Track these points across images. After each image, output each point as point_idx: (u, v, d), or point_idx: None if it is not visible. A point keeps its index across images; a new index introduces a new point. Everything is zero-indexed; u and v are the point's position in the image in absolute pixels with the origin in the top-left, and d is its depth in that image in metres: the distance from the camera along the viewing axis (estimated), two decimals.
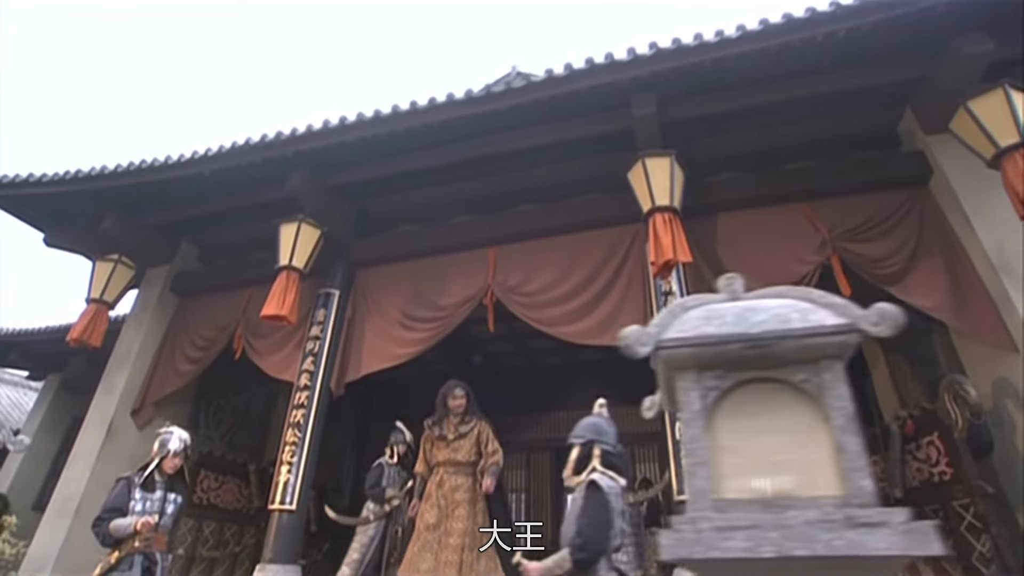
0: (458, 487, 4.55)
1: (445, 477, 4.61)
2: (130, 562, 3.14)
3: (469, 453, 4.68)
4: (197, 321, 6.64)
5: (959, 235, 4.39)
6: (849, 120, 5.17)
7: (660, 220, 4.40)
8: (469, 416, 4.82)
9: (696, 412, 1.48)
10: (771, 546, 1.19)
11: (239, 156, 5.69)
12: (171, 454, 3.46)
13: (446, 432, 4.74)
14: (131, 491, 3.29)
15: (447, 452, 4.69)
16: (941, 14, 4.08)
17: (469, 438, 4.71)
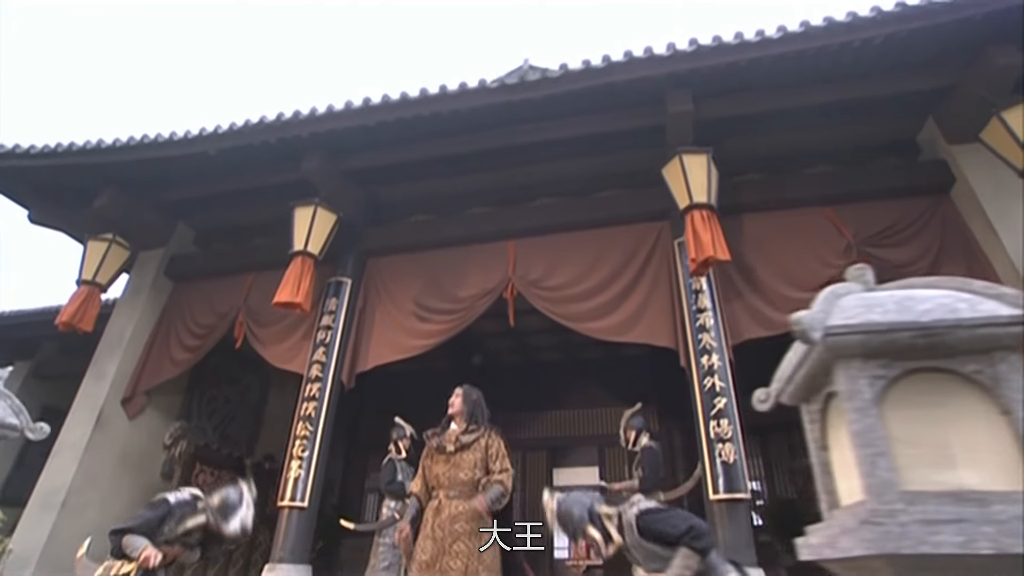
0: (458, 516, 3.28)
1: (444, 502, 3.36)
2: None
3: (473, 470, 3.39)
4: (194, 307, 6.33)
5: (981, 242, 4.50)
6: (870, 127, 5.25)
7: (699, 217, 4.37)
8: (473, 424, 3.55)
9: (867, 401, 1.42)
10: (987, 541, 1.13)
11: (251, 135, 5.44)
12: (222, 527, 2.96)
13: (445, 443, 3.50)
14: (166, 521, 2.98)
15: (446, 468, 3.44)
16: (977, 24, 4.17)
17: (473, 451, 3.43)
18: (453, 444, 3.45)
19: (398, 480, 4.85)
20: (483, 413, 3.59)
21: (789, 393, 1.88)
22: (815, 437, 1.77)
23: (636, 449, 4.89)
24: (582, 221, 5.63)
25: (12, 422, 2.62)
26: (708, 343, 4.43)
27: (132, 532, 2.89)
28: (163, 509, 2.99)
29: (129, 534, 2.88)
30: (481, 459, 3.40)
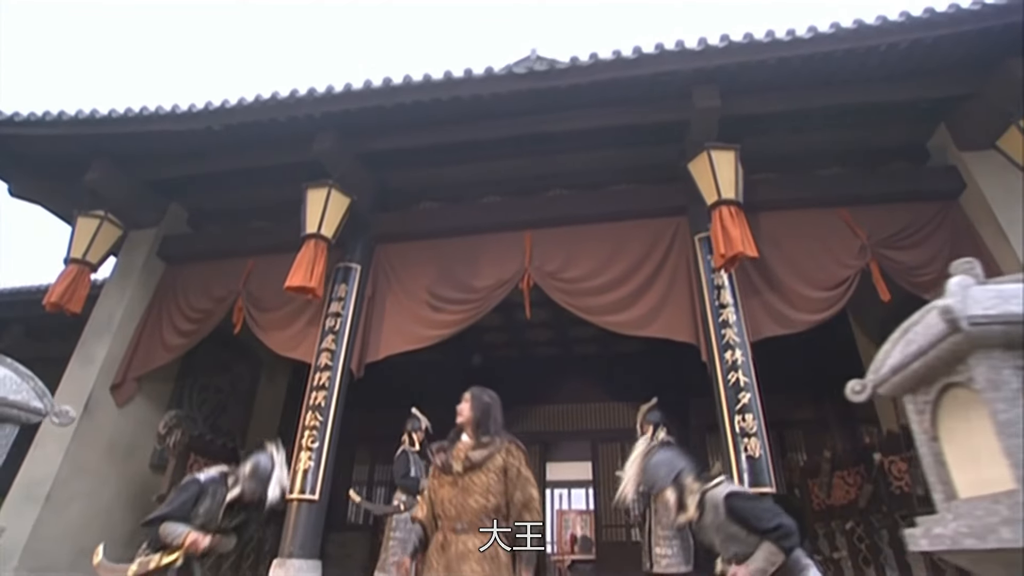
0: (466, 555, 2.36)
1: (450, 537, 2.45)
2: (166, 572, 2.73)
3: (486, 496, 2.48)
4: (188, 291, 6.05)
5: (991, 248, 4.65)
6: (882, 131, 5.37)
7: (727, 213, 4.39)
8: (485, 435, 2.59)
9: (1015, 391, 1.42)
10: None
11: (260, 111, 5.21)
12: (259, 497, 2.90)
13: (452, 462, 2.57)
14: (199, 502, 2.84)
15: (453, 493, 2.51)
16: (997, 34, 4.29)
17: (485, 472, 2.52)
18: (461, 463, 2.50)
19: (412, 475, 4.73)
20: (496, 421, 2.66)
21: (893, 384, 1.87)
22: (925, 428, 1.77)
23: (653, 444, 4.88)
24: (598, 214, 5.60)
25: (36, 405, 2.41)
26: (731, 338, 4.46)
27: (169, 519, 2.72)
28: (194, 489, 2.85)
29: (167, 521, 2.71)
30: (496, 482, 2.47)
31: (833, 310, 4.72)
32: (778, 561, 2.28)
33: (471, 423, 2.63)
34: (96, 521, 5.36)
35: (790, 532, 2.29)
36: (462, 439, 2.63)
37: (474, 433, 2.59)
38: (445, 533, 2.44)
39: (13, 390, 2.31)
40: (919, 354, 1.69)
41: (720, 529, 2.41)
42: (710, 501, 2.46)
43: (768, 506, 2.38)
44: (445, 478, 2.56)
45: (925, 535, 1.62)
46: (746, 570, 2.30)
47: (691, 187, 5.14)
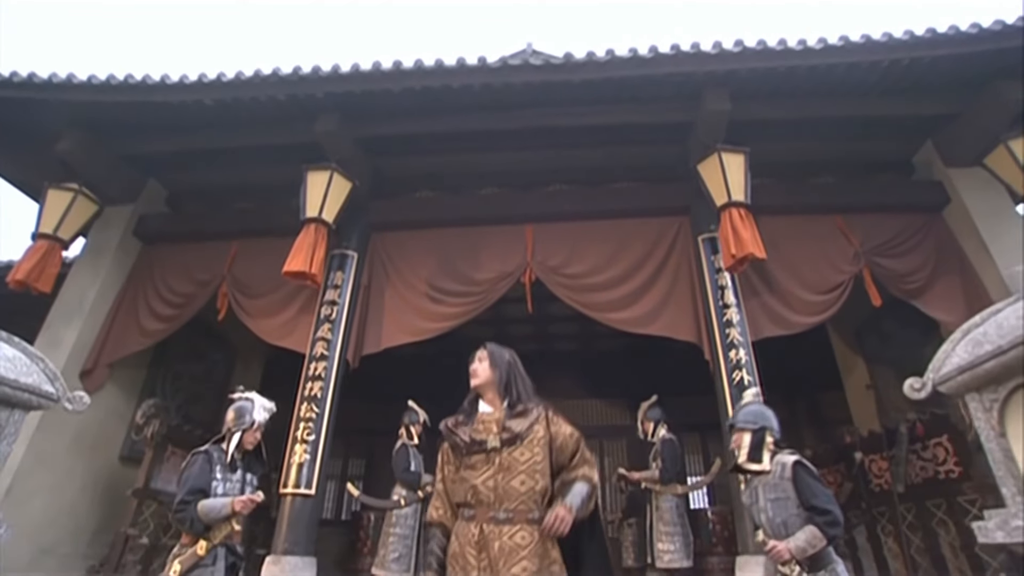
0: (515, 551, 1.85)
1: (490, 530, 1.90)
2: (214, 555, 2.59)
3: (533, 476, 1.96)
4: (168, 273, 5.71)
5: (973, 261, 4.91)
6: (872, 144, 5.59)
7: (737, 215, 4.47)
8: (518, 401, 2.07)
9: None
10: None
11: (259, 88, 4.96)
12: (255, 426, 2.90)
13: (483, 436, 2.01)
14: (212, 469, 2.71)
15: (489, 474, 1.96)
16: (990, 57, 4.53)
17: (530, 444, 1.99)
18: (497, 436, 1.98)
19: (412, 469, 4.62)
20: (526, 382, 2.14)
21: (958, 382, 1.95)
22: (992, 425, 1.84)
23: (654, 440, 4.94)
24: (600, 211, 5.61)
25: (48, 390, 2.20)
26: (735, 338, 4.55)
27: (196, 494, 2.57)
28: (202, 459, 2.71)
29: (201, 500, 2.57)
30: (542, 458, 1.97)
31: (828, 313, 4.89)
32: (819, 546, 2.34)
33: (494, 386, 2.09)
34: (60, 517, 5.01)
35: (837, 522, 2.36)
36: (481, 409, 2.09)
37: (500, 398, 2.08)
38: (480, 524, 1.88)
39: (24, 372, 2.11)
40: (996, 354, 1.76)
41: (776, 488, 2.49)
42: (778, 462, 2.56)
43: (828, 491, 2.45)
44: (475, 458, 1.99)
45: (1001, 527, 1.69)
46: (786, 545, 2.37)
47: (694, 187, 5.23)
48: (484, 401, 2.11)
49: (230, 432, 2.85)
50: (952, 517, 4.56)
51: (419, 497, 4.49)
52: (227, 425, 2.89)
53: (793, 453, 2.59)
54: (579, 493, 1.93)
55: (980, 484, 4.39)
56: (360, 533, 6.38)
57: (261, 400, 3.02)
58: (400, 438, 4.88)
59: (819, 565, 2.39)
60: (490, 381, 2.10)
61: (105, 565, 4.92)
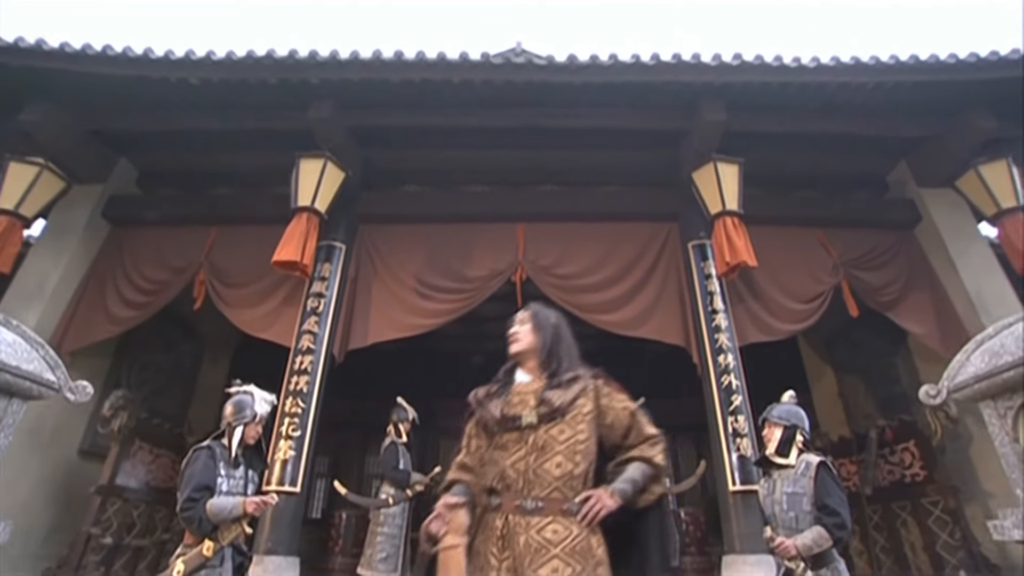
0: (544, 549, 1.51)
1: (516, 521, 1.57)
2: (221, 556, 2.47)
3: (573, 457, 1.63)
4: (140, 259, 5.42)
5: (941, 278, 5.20)
6: (851, 161, 5.83)
7: (730, 224, 4.59)
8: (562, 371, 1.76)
9: None
10: None
11: (252, 70, 4.78)
12: (257, 420, 2.77)
13: (517, 410, 1.69)
14: (216, 465, 2.58)
15: (519, 454, 1.64)
16: (965, 86, 4.80)
17: (572, 421, 1.67)
18: (533, 409, 1.66)
19: (401, 467, 4.53)
20: (574, 350, 1.85)
21: (974, 390, 2.05)
22: (1007, 431, 1.95)
23: None
24: (592, 212, 5.65)
25: (49, 378, 2.04)
26: (724, 343, 4.67)
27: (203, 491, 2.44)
28: (205, 455, 2.58)
29: (208, 499, 2.44)
30: (587, 436, 1.65)
31: (809, 322, 5.09)
32: (824, 546, 2.45)
33: (536, 352, 1.79)
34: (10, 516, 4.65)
35: (845, 525, 2.48)
36: (518, 379, 1.79)
37: (543, 367, 1.78)
38: (506, 515, 1.58)
39: (25, 359, 1.96)
40: (1015, 365, 1.86)
41: (795, 483, 2.60)
42: (804, 459, 2.67)
43: (843, 496, 2.56)
44: (507, 436, 1.68)
45: (1017, 526, 1.79)
46: (793, 542, 2.46)
47: (684, 194, 5.35)
48: (523, 370, 1.81)
49: (230, 427, 2.72)
50: (915, 517, 4.83)
51: (407, 496, 4.41)
52: (226, 419, 2.76)
53: (820, 455, 2.70)
54: (630, 476, 1.62)
55: (942, 487, 4.65)
56: (332, 532, 6.22)
57: (261, 393, 2.91)
58: (388, 436, 4.79)
59: (822, 563, 2.49)
60: (532, 347, 1.79)
61: (64, 566, 4.62)
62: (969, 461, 4.86)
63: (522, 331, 1.84)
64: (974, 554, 4.40)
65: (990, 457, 4.71)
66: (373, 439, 9.22)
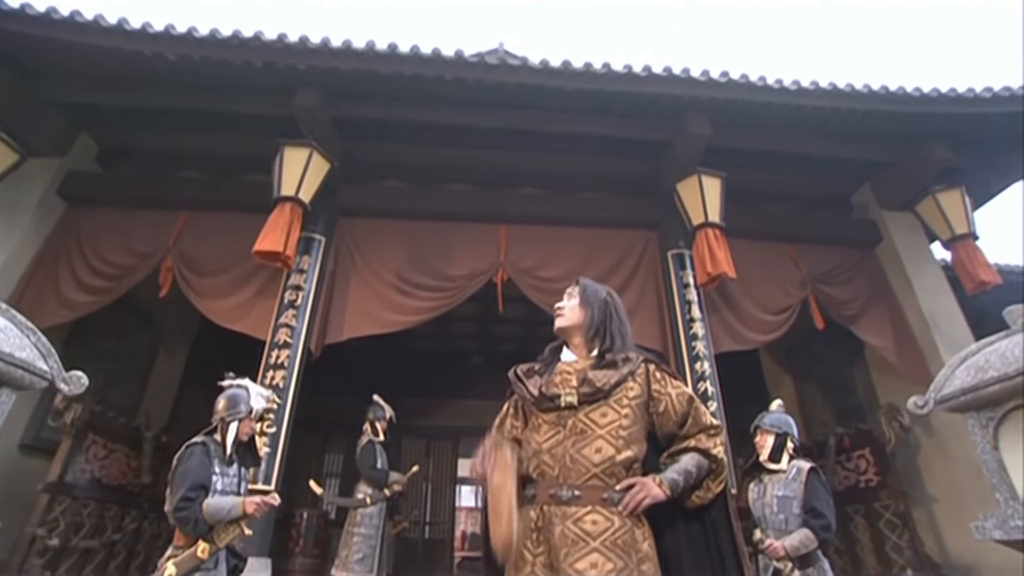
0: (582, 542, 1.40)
1: (552, 512, 1.47)
2: (216, 559, 2.34)
3: (615, 443, 1.51)
4: (101, 241, 5.11)
5: (899, 296, 5.54)
6: (819, 181, 6.14)
7: (712, 235, 4.74)
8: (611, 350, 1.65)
9: None
10: None
11: (235, 50, 4.59)
12: (252, 415, 2.66)
13: (556, 389, 1.60)
14: (211, 462, 2.45)
15: (556, 439, 1.54)
16: (926, 118, 5.14)
17: (617, 404, 1.56)
18: (573, 391, 1.57)
19: (379, 466, 4.44)
20: (624, 328, 1.73)
21: (960, 402, 2.19)
22: (988, 440, 2.10)
23: None
24: (573, 217, 5.70)
25: (41, 367, 1.89)
26: (700, 351, 4.81)
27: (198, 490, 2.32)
28: (200, 451, 2.46)
29: (204, 500, 2.31)
30: (632, 421, 1.55)
31: (778, 333, 5.31)
32: (811, 547, 2.59)
33: (583, 329, 1.67)
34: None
35: (830, 528, 2.62)
36: (563, 357, 1.69)
37: (590, 345, 1.67)
38: (540, 505, 1.49)
39: (17, 345, 1.83)
40: (1000, 379, 2.01)
41: (786, 487, 2.75)
42: (795, 465, 2.83)
43: (830, 501, 2.70)
44: (545, 417, 1.57)
45: (999, 527, 1.94)
46: (782, 543, 2.59)
47: (664, 204, 5.49)
48: (569, 348, 1.70)
49: (224, 422, 2.60)
50: (868, 520, 5.11)
51: (385, 496, 4.33)
52: (219, 415, 2.63)
53: (810, 462, 2.85)
54: (683, 467, 1.50)
55: (894, 491, 4.95)
56: (292, 532, 6.04)
57: (256, 387, 2.79)
58: (365, 434, 4.68)
59: (808, 563, 2.62)
60: (578, 324, 1.67)
61: (4, 570, 4.28)
62: (917, 468, 5.20)
63: (568, 305, 1.71)
64: (919, 554, 4.71)
65: (936, 464, 5.06)
66: (333, 437, 9.03)
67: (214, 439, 2.56)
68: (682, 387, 1.63)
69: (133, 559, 5.30)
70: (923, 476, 5.17)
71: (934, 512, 5.06)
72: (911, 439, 5.25)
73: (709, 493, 1.54)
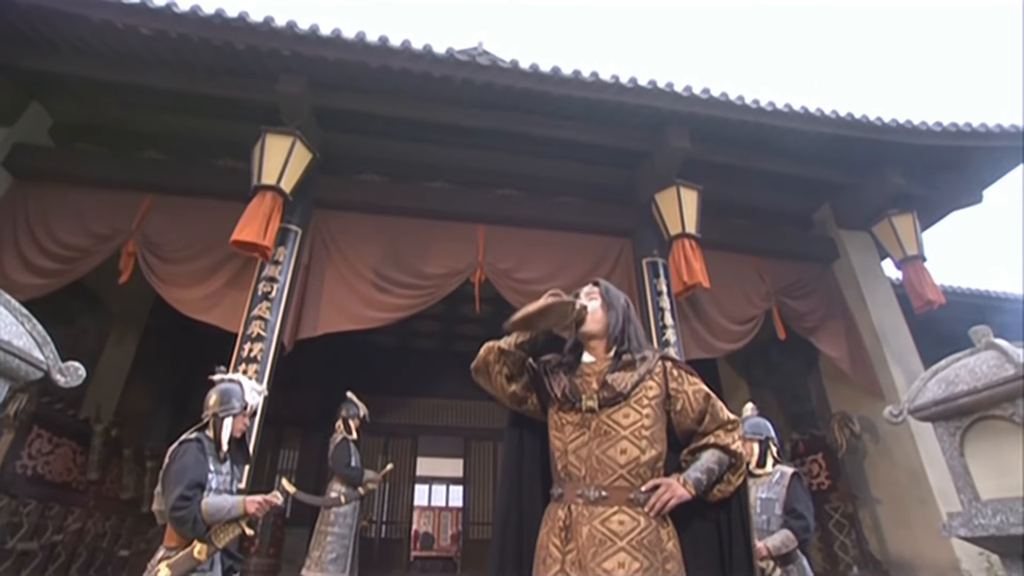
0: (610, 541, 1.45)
1: (579, 511, 1.52)
2: (211, 560, 2.24)
3: (639, 443, 1.56)
4: (54, 221, 4.79)
5: (853, 311, 5.89)
6: (782, 198, 6.45)
7: (688, 246, 4.90)
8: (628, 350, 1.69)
9: None
10: None
11: (217, 29, 4.40)
12: (246, 411, 2.56)
13: (578, 388, 1.66)
14: (207, 459, 2.34)
15: (582, 440, 1.60)
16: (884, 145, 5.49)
17: (638, 405, 1.60)
18: (595, 392, 1.61)
19: (353, 464, 4.35)
20: (639, 331, 1.78)
21: (932, 412, 2.37)
22: (955, 447, 2.28)
23: None
24: (551, 221, 5.76)
25: (37, 357, 1.76)
26: None
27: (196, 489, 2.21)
28: (196, 448, 2.36)
29: (202, 499, 2.21)
30: (654, 420, 1.59)
31: (743, 342, 5.54)
32: (791, 546, 2.74)
33: (606, 332, 1.69)
34: None
35: (809, 528, 2.77)
36: (584, 359, 1.72)
37: (609, 347, 1.69)
38: (568, 505, 1.53)
39: (14, 333, 1.71)
40: (970, 392, 2.18)
41: (770, 489, 2.88)
42: (779, 469, 2.94)
43: (810, 504, 2.85)
44: (568, 417, 1.63)
45: (964, 525, 2.11)
46: (764, 543, 2.72)
47: (640, 212, 5.64)
48: (587, 349, 1.72)
49: (217, 418, 2.49)
50: (819, 521, 5.40)
51: (359, 494, 4.25)
52: (210, 410, 2.52)
53: (793, 466, 3.02)
54: (705, 466, 1.55)
55: (844, 494, 5.26)
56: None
57: (250, 382, 2.70)
58: (338, 432, 4.59)
59: (788, 561, 2.77)
60: (602, 328, 1.69)
61: None
62: (863, 472, 5.54)
63: (592, 307, 1.71)
64: (864, 553, 5.03)
65: (881, 469, 5.41)
66: (288, 433, 8.77)
67: (207, 435, 2.46)
68: (699, 384, 1.68)
69: (74, 562, 4.99)
70: (869, 480, 5.52)
71: (877, 513, 5.41)
72: (860, 445, 5.59)
73: (730, 486, 1.60)
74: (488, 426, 9.50)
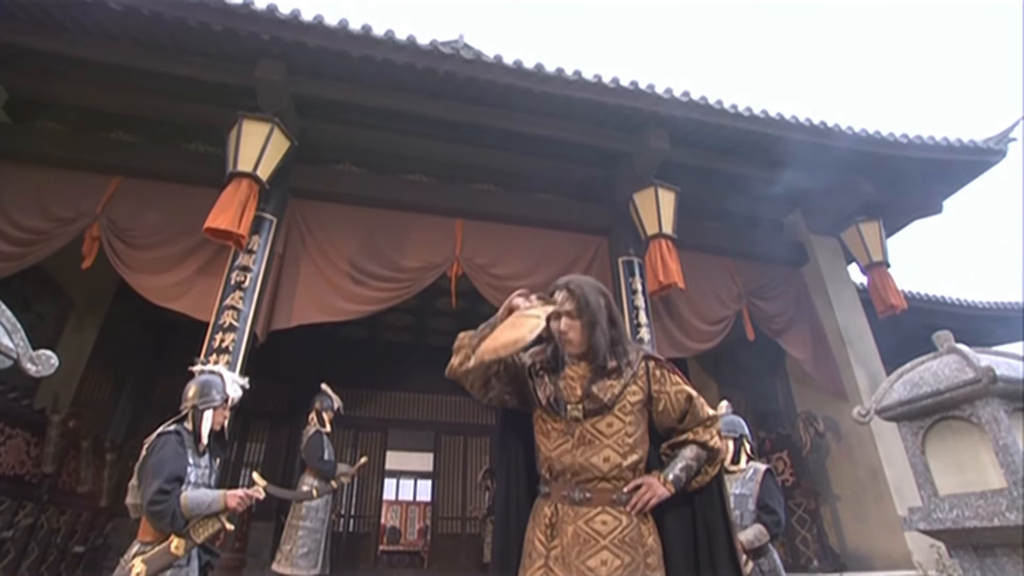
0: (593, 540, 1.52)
1: (564, 511, 1.58)
2: (188, 555, 2.18)
3: (621, 449, 1.60)
4: (9, 202, 4.58)
5: (820, 313, 6.08)
6: (755, 201, 6.56)
7: (664, 246, 4.97)
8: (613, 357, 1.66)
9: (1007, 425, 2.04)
10: None
11: (192, 9, 4.25)
12: (228, 403, 2.49)
13: (563, 393, 1.65)
14: (186, 452, 2.27)
15: (565, 447, 1.62)
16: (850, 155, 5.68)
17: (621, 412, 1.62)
18: (579, 401, 1.62)
19: (327, 458, 4.29)
20: (620, 329, 1.72)
21: (897, 412, 2.47)
22: (917, 445, 2.38)
23: None
24: (529, 217, 5.77)
25: (6, 344, 1.68)
26: None
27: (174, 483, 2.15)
28: (175, 441, 2.29)
29: (181, 493, 2.14)
30: (636, 426, 1.62)
31: (714, 342, 5.67)
32: (764, 540, 2.84)
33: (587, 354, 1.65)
34: None
35: (781, 523, 2.87)
36: (568, 361, 1.69)
37: (589, 356, 1.65)
38: (555, 504, 1.58)
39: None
40: (932, 395, 2.29)
41: (743, 486, 2.95)
42: (752, 466, 3.01)
43: (782, 499, 2.94)
44: (551, 422, 1.64)
45: (924, 519, 2.21)
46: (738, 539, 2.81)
47: (618, 212, 5.70)
48: (569, 359, 1.69)
49: (196, 410, 2.42)
50: None
51: (332, 488, 4.20)
52: (190, 402, 2.46)
53: (766, 463, 3.10)
54: (684, 464, 1.60)
55: (807, 491, 5.44)
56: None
57: (231, 374, 2.63)
58: (312, 424, 4.51)
59: (760, 554, 2.86)
60: (585, 343, 1.64)
61: None
62: (825, 470, 5.74)
63: (567, 324, 1.64)
64: (824, 547, 5.22)
65: (842, 467, 5.61)
66: (253, 425, 8.59)
67: (185, 428, 2.39)
68: (681, 384, 1.69)
69: (25, 558, 4.79)
70: (830, 477, 5.72)
71: (837, 509, 5.62)
72: (823, 444, 5.79)
73: (707, 477, 1.66)
74: (459, 421, 9.50)
